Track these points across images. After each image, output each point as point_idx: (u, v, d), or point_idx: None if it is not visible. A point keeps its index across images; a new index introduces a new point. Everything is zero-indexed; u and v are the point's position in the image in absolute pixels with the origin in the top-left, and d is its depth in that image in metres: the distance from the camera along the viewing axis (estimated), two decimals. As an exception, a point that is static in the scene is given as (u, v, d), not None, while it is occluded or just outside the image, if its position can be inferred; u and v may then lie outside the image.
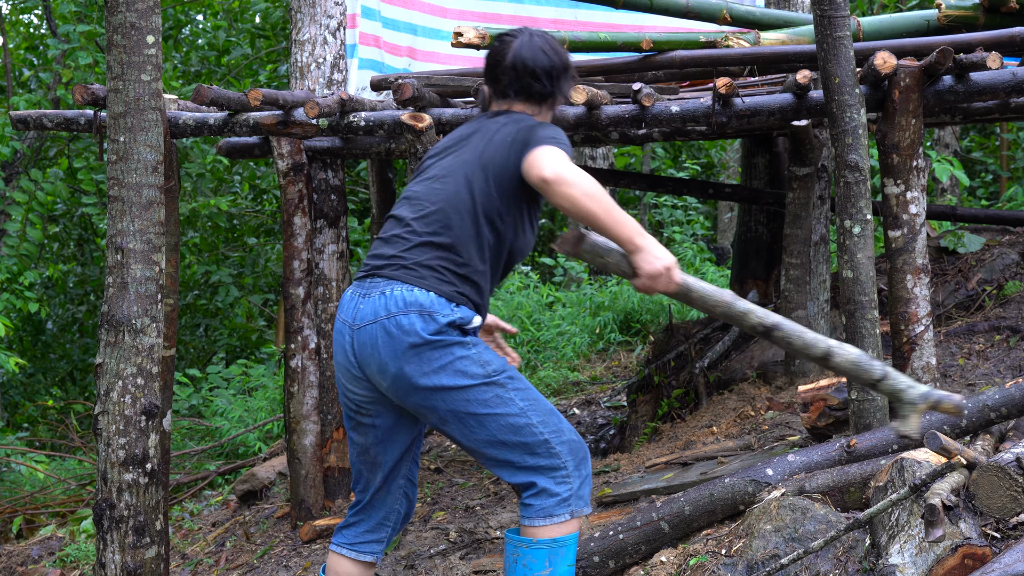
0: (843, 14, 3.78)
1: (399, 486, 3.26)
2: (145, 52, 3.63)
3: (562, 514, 3.04)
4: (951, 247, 5.77)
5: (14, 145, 9.43)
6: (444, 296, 2.99)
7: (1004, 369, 4.65)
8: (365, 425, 3.18)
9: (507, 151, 3.02)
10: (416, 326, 2.96)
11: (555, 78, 3.16)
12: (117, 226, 3.63)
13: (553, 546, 3.05)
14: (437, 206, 3.04)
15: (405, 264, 3.02)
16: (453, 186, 3.05)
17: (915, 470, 2.92)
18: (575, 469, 3.08)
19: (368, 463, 3.22)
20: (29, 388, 12.54)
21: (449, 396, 3.00)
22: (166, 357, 4.00)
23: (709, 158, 15.38)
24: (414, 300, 2.97)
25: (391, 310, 2.98)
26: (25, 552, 6.22)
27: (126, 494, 3.61)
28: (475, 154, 3.07)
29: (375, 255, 3.10)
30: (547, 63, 3.15)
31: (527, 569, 3.05)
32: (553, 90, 3.17)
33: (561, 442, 3.07)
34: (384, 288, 3.02)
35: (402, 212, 3.11)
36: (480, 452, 3.08)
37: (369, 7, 5.75)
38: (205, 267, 12.07)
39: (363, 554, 3.26)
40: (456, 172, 3.07)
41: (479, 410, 3.02)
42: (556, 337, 9.51)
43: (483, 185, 3.03)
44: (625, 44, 4.74)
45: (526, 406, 3.07)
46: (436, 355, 2.98)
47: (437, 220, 3.03)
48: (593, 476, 4.70)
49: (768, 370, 5.35)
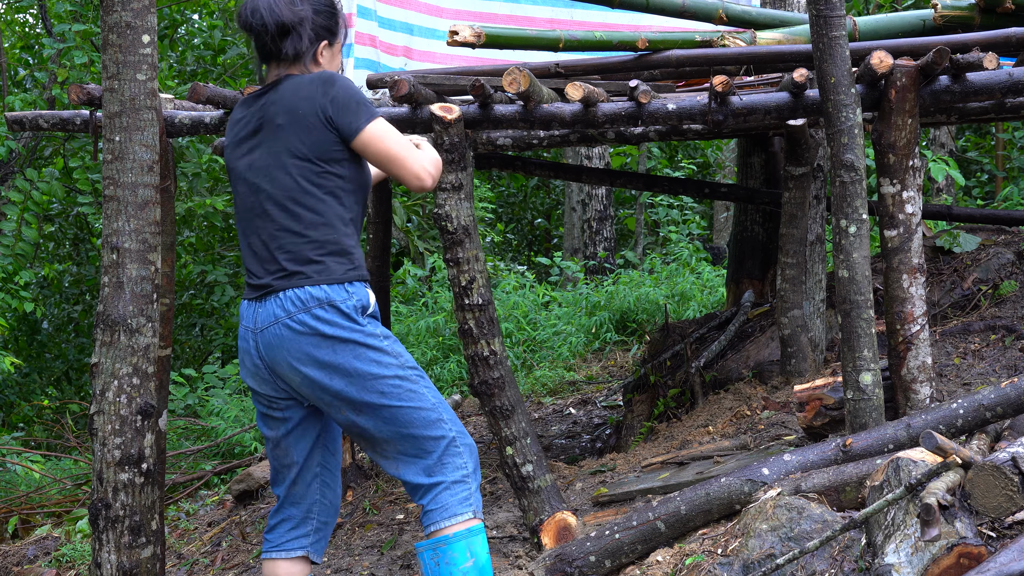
0: (839, 14, 3.78)
1: (315, 475, 3.30)
2: (141, 51, 3.63)
3: (465, 512, 3.12)
4: (947, 247, 5.77)
5: (9, 144, 9.42)
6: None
7: (1000, 368, 4.65)
8: (277, 419, 3.24)
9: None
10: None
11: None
12: (113, 226, 3.62)
13: (468, 536, 3.10)
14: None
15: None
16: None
17: (911, 469, 2.92)
18: (473, 472, 3.17)
19: (281, 456, 3.28)
20: (24, 388, 12.52)
21: (364, 385, 3.06)
22: (162, 357, 3.99)
23: (705, 158, 15.39)
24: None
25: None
26: (21, 552, 6.20)
27: (122, 494, 3.61)
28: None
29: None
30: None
31: (451, 566, 3.08)
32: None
33: (465, 443, 3.17)
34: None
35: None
36: (391, 445, 3.12)
37: (365, 7, 5.75)
38: (201, 267, 12.06)
39: (292, 551, 3.30)
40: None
41: (394, 402, 3.08)
42: (552, 337, 9.51)
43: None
44: (621, 43, 4.74)
45: (437, 402, 3.14)
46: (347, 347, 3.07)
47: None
48: (589, 476, 4.70)
49: (764, 370, 5.35)
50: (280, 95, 3.13)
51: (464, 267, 3.98)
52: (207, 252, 12.57)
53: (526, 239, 16.65)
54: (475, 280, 3.98)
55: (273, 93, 3.15)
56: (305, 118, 3.08)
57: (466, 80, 4.26)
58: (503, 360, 4.01)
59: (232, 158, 3.24)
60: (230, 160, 3.25)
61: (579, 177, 7.15)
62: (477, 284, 3.98)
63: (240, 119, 3.24)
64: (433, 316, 9.76)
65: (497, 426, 4.00)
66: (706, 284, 9.95)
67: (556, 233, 16.04)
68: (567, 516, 3.96)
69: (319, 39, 3.21)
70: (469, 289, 3.98)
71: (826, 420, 4.08)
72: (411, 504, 5.01)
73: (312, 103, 3.07)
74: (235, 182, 3.24)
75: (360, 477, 5.58)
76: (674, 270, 10.64)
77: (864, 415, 3.75)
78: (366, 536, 4.78)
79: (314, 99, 3.07)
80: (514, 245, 16.17)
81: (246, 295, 3.19)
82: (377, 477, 5.52)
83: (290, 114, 3.09)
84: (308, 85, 3.10)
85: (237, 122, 3.25)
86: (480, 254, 4.01)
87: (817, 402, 4.10)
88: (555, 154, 11.96)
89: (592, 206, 12.41)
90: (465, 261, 3.98)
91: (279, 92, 3.13)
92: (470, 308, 3.98)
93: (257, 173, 3.15)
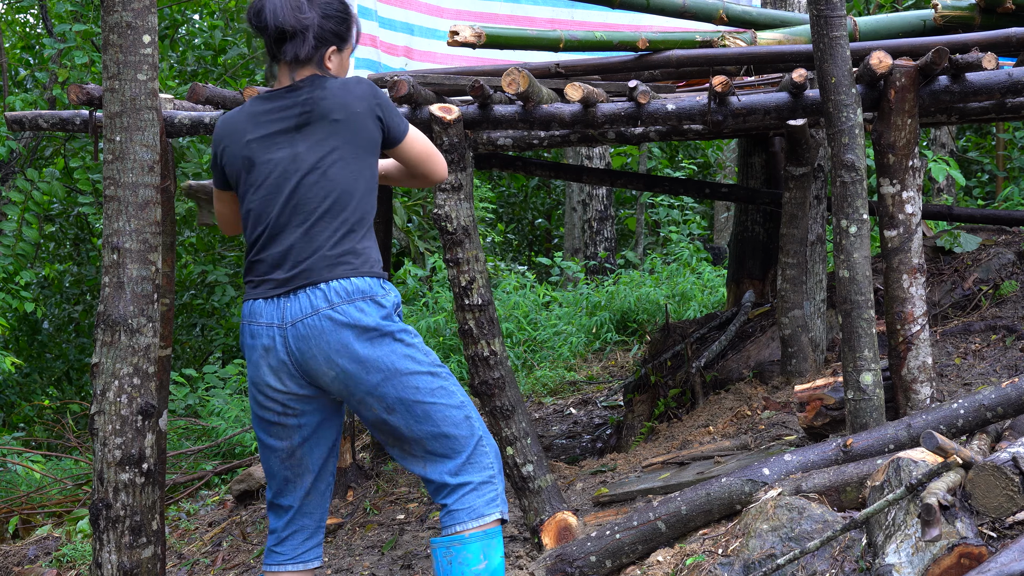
0: (839, 14, 3.78)
1: (327, 484, 3.26)
2: (141, 51, 3.63)
3: (492, 513, 3.10)
4: (947, 247, 5.77)
5: (10, 144, 9.43)
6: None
7: (1000, 368, 4.65)
8: (290, 427, 3.15)
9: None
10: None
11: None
12: (113, 226, 3.62)
13: (484, 538, 3.07)
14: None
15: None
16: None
17: (911, 470, 2.92)
18: (499, 473, 3.15)
19: (294, 467, 3.19)
20: (25, 388, 12.53)
21: (400, 381, 3.03)
22: (162, 357, 3.99)
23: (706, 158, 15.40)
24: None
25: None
26: (21, 552, 6.21)
27: (122, 494, 3.61)
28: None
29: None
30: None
31: (463, 566, 3.05)
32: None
33: (490, 443, 3.16)
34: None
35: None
36: (420, 444, 3.08)
37: (365, 7, 5.75)
38: (201, 267, 12.07)
39: (310, 561, 3.25)
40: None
41: (427, 398, 3.06)
42: (553, 337, 9.52)
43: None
44: (621, 43, 4.74)
45: (465, 400, 3.14)
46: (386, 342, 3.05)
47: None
48: (590, 476, 4.70)
49: (764, 370, 5.35)
50: (330, 92, 3.10)
51: (464, 267, 3.98)
52: (207, 252, 12.58)
53: (526, 239, 16.66)
54: (475, 280, 3.98)
55: (318, 90, 3.11)
56: (362, 117, 3.10)
57: (466, 80, 4.26)
58: (503, 360, 4.01)
59: (259, 151, 3.13)
60: (254, 153, 3.14)
61: (579, 177, 7.15)
62: (477, 284, 3.98)
63: (269, 113, 3.15)
64: (433, 316, 9.76)
65: (498, 426, 4.01)
66: (706, 284, 9.95)
67: (557, 233, 16.05)
68: (568, 516, 3.96)
69: (326, 44, 3.17)
70: (469, 289, 3.98)
71: (827, 420, 4.08)
72: (412, 504, 5.01)
73: (367, 104, 3.11)
74: (259, 174, 3.13)
75: (360, 477, 5.58)
76: (675, 270, 10.65)
77: (865, 415, 3.75)
78: (367, 536, 4.78)
79: (367, 100, 3.11)
80: (514, 245, 16.17)
81: (259, 293, 3.09)
82: (378, 477, 5.52)
83: (347, 111, 3.09)
84: (357, 86, 3.13)
85: (265, 116, 3.15)
86: (480, 254, 4.02)
87: (818, 402, 4.10)
88: (556, 154, 11.97)
89: (593, 206, 12.41)
90: (465, 261, 3.98)
91: (327, 89, 3.10)
92: (470, 308, 3.98)
93: (301, 165, 3.08)
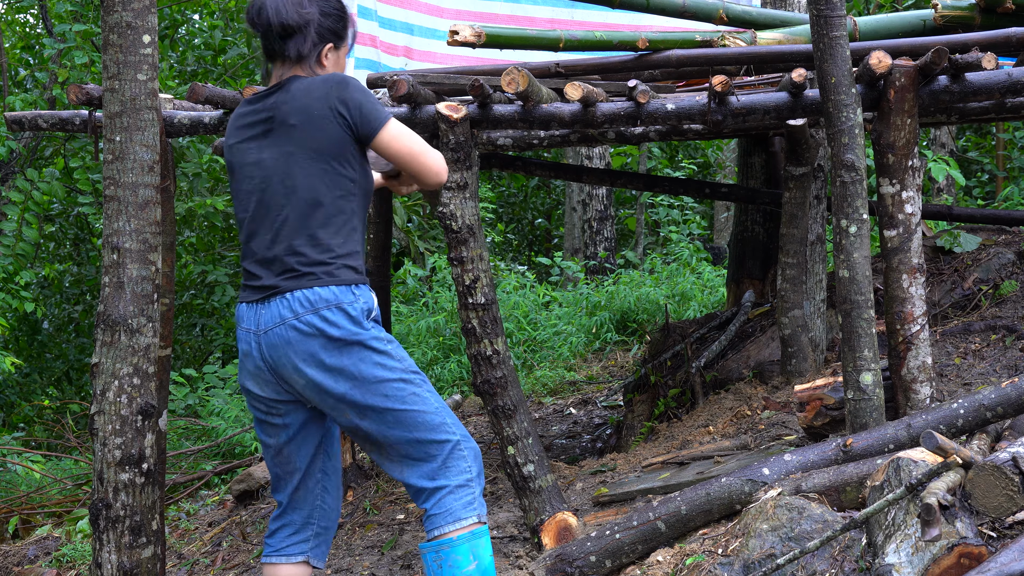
0: (839, 14, 3.78)
1: (316, 481, 3.29)
2: (141, 51, 3.63)
3: (469, 516, 3.11)
4: (947, 247, 5.77)
5: (10, 144, 9.43)
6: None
7: (1000, 368, 4.65)
8: (276, 426, 3.21)
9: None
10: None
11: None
12: (113, 226, 3.62)
13: (472, 539, 3.10)
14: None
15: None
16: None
17: (911, 469, 2.92)
18: (477, 476, 3.16)
19: (283, 464, 3.25)
20: (25, 388, 12.53)
21: (369, 388, 3.06)
22: (162, 357, 3.99)
23: (706, 158, 15.40)
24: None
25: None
26: (21, 552, 6.21)
27: (122, 494, 3.61)
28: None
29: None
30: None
31: (454, 569, 3.08)
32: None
33: (469, 447, 3.17)
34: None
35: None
36: (395, 449, 3.11)
37: (365, 7, 5.74)
38: (201, 267, 12.07)
39: (293, 556, 3.29)
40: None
41: (397, 406, 3.08)
42: (552, 337, 9.52)
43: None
44: (621, 43, 4.74)
45: (440, 406, 3.14)
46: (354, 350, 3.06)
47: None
48: (590, 476, 4.70)
49: (764, 370, 5.35)
50: (291, 95, 3.09)
51: (468, 266, 3.98)
52: (207, 252, 12.58)
53: (526, 239, 16.66)
54: (479, 279, 3.98)
55: (283, 93, 3.12)
56: (320, 119, 3.06)
57: (466, 80, 4.26)
58: (506, 360, 4.01)
59: (237, 157, 3.20)
60: (234, 158, 3.21)
61: (579, 177, 7.15)
62: (481, 283, 3.98)
63: (245, 118, 3.20)
64: (433, 316, 9.76)
65: (499, 426, 4.00)
66: (706, 284, 9.95)
67: (556, 233, 16.04)
68: (568, 516, 3.96)
69: (324, 41, 3.19)
70: (473, 288, 3.97)
71: (826, 420, 4.08)
72: (411, 504, 5.01)
73: (326, 104, 3.06)
74: (239, 181, 3.19)
75: (360, 477, 5.58)
76: (674, 270, 10.65)
77: (864, 415, 3.75)
78: (367, 536, 4.78)
79: (328, 100, 3.06)
80: (514, 245, 16.17)
81: (245, 297, 3.15)
82: (378, 477, 5.52)
83: (303, 114, 3.07)
84: (321, 86, 3.09)
85: (242, 121, 3.21)
86: (484, 253, 4.01)
87: (817, 402, 4.10)
88: (555, 154, 11.97)
89: (592, 206, 12.41)
90: (469, 260, 3.98)
91: (289, 92, 3.10)
92: (474, 307, 3.98)
93: (267, 172, 3.12)
